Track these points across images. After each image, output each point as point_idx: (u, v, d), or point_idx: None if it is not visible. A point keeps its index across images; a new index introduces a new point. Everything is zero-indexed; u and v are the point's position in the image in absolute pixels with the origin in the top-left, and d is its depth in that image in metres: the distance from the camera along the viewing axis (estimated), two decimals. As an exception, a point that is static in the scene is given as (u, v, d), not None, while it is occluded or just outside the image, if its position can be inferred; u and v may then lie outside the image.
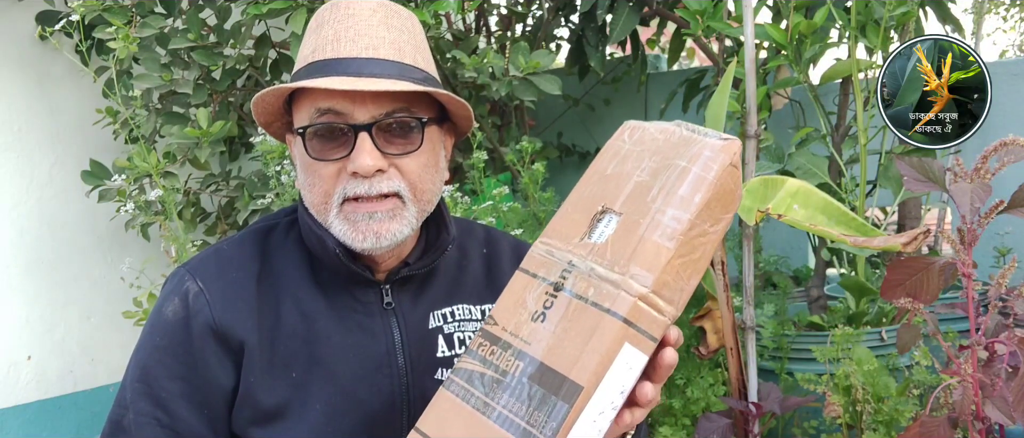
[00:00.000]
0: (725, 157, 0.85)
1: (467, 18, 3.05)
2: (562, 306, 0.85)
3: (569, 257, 0.88)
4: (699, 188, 0.85)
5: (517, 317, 0.88)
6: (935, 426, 1.46)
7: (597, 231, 0.88)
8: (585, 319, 0.84)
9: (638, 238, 0.85)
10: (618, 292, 0.83)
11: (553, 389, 0.82)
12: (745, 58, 2.03)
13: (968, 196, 1.41)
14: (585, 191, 0.92)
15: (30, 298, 2.62)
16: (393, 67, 1.00)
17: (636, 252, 0.84)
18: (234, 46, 2.36)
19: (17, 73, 2.61)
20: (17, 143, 2.61)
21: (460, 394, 0.87)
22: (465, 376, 0.89)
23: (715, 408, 2.10)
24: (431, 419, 0.88)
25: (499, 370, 0.86)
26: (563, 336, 0.84)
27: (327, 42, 1.02)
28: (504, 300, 0.90)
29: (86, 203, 2.62)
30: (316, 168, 1.01)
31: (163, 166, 2.33)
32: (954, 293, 2.31)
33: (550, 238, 0.92)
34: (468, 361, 0.89)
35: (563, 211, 0.93)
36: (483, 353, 0.88)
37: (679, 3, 2.69)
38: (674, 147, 0.89)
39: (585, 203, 0.91)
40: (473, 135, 2.28)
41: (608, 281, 0.84)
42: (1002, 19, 6.91)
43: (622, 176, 0.90)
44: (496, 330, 0.89)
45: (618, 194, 0.89)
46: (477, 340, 0.90)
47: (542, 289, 0.88)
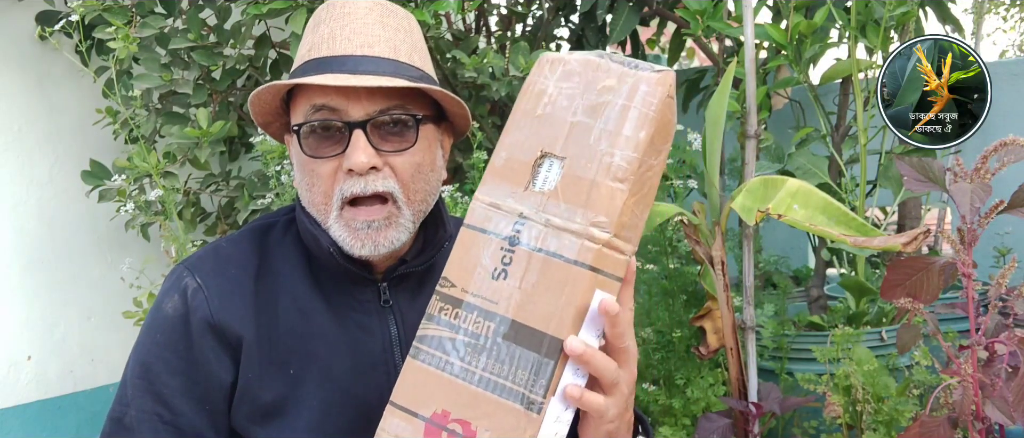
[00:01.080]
0: (662, 90, 0.85)
1: (467, 18, 3.05)
2: (523, 261, 0.84)
3: (518, 208, 0.86)
4: (643, 125, 0.84)
5: (476, 277, 0.86)
6: (935, 426, 1.46)
7: (540, 177, 0.87)
8: (552, 272, 0.83)
9: (589, 183, 0.84)
10: (581, 242, 0.82)
11: (533, 346, 0.82)
12: (745, 58, 2.03)
13: (968, 196, 1.41)
14: (518, 136, 0.89)
15: (30, 298, 2.62)
16: (388, 65, 1.01)
17: (590, 198, 0.83)
18: (234, 46, 2.36)
19: (17, 73, 2.61)
20: (17, 143, 2.60)
21: (434, 363, 0.86)
22: (435, 344, 0.86)
23: (715, 408, 2.10)
24: (407, 392, 0.86)
25: (470, 333, 0.85)
26: (532, 292, 0.83)
27: (323, 40, 1.03)
28: (457, 260, 0.88)
29: (86, 203, 2.62)
30: (312, 166, 1.01)
31: (163, 166, 2.33)
32: (954, 293, 2.31)
33: (491, 189, 0.89)
34: (434, 328, 0.87)
35: (498, 159, 0.90)
36: (448, 317, 0.86)
37: (679, 3, 2.69)
38: (605, 82, 0.87)
39: (521, 149, 0.88)
40: (473, 135, 2.28)
41: (568, 231, 0.83)
42: (1002, 19, 6.91)
43: (555, 117, 0.88)
44: (455, 292, 0.87)
45: (556, 137, 0.87)
46: (436, 304, 0.87)
47: (496, 244, 0.86)
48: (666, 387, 2.21)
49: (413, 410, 0.85)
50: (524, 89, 0.92)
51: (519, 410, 0.81)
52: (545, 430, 0.82)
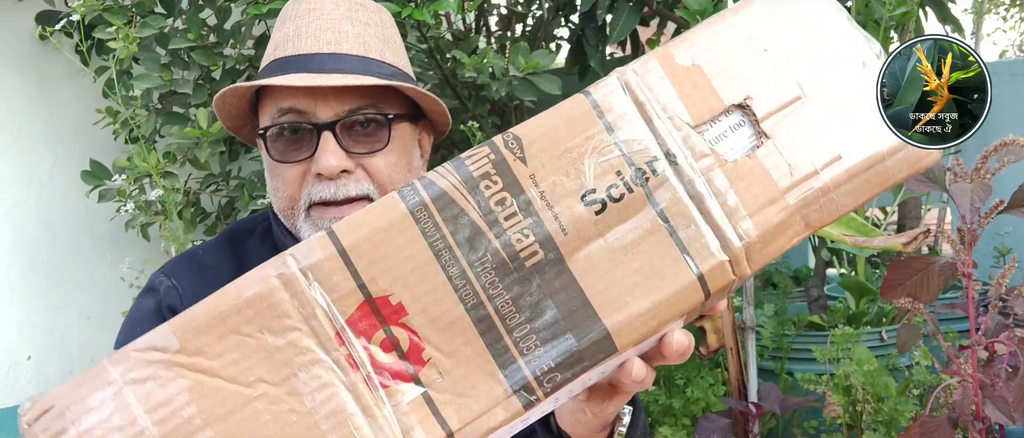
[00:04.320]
0: (929, 160, 0.67)
1: (467, 18, 3.05)
2: (636, 208, 0.58)
3: (673, 143, 0.59)
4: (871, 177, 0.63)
5: (559, 177, 0.58)
6: (935, 426, 1.46)
7: (720, 128, 0.61)
8: (657, 251, 0.58)
9: (774, 187, 0.60)
10: (714, 242, 0.59)
11: (574, 324, 0.57)
12: (745, 58, 2.03)
13: (968, 196, 1.41)
14: (723, 49, 0.62)
15: (30, 298, 2.62)
16: (357, 62, 0.95)
17: (755, 197, 0.60)
18: (234, 46, 2.36)
19: (17, 73, 2.61)
20: (17, 143, 2.60)
21: (429, 234, 0.57)
22: (443, 204, 0.57)
23: (715, 408, 2.10)
24: (361, 237, 0.57)
25: (504, 239, 0.57)
26: (617, 256, 0.58)
27: (288, 38, 0.97)
28: (547, 129, 0.59)
29: (86, 203, 2.62)
30: (280, 171, 0.96)
31: (163, 166, 2.33)
32: (954, 293, 2.31)
33: (651, 80, 0.61)
34: (457, 189, 0.58)
35: (683, 53, 0.62)
36: (489, 191, 0.58)
37: (679, 3, 2.69)
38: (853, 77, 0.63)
39: (720, 70, 0.62)
40: (473, 135, 2.28)
41: (712, 223, 0.59)
42: (1002, 19, 6.90)
43: (779, 69, 0.62)
44: (520, 170, 0.58)
45: (771, 94, 0.62)
46: (483, 162, 0.58)
47: (618, 159, 0.59)
48: (666, 387, 2.21)
49: (358, 269, 0.56)
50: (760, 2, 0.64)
51: (503, 388, 0.56)
52: (512, 425, 0.58)
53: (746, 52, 0.63)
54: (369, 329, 0.56)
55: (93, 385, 0.55)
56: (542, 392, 0.57)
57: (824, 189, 0.61)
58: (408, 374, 0.56)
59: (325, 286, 0.56)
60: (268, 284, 0.57)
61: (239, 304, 0.56)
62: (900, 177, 0.66)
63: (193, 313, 0.57)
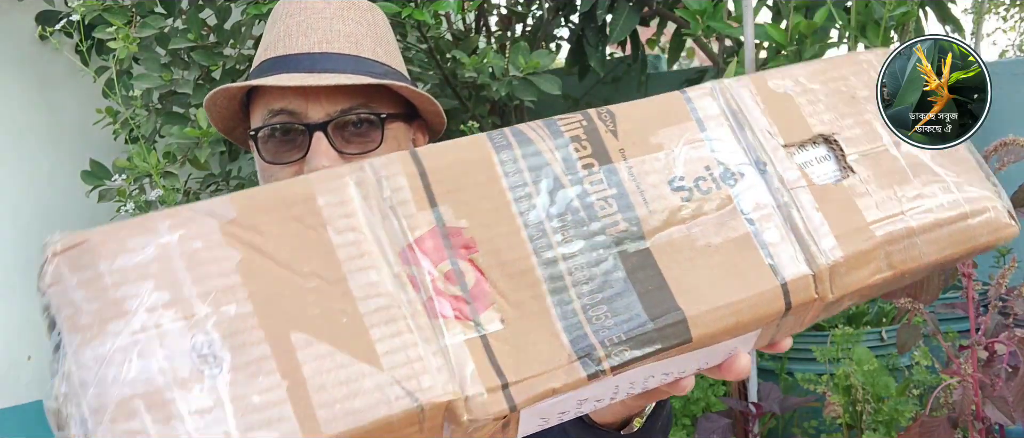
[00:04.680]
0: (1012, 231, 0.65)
1: (467, 18, 3.05)
2: (723, 213, 0.57)
3: (763, 154, 0.60)
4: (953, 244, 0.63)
5: (648, 157, 0.58)
6: (935, 426, 1.46)
7: (808, 154, 0.61)
8: (740, 255, 0.56)
9: (860, 216, 0.60)
10: (800, 253, 0.57)
11: (650, 304, 0.54)
12: (745, 58, 2.03)
13: (968, 196, 1.41)
14: (818, 89, 0.64)
15: (30, 298, 2.61)
16: (349, 61, 0.94)
17: (847, 229, 0.59)
18: (234, 46, 2.36)
19: (17, 73, 2.61)
20: (17, 143, 2.60)
21: (513, 177, 0.55)
22: (530, 152, 0.56)
23: (715, 408, 2.10)
24: (436, 155, 0.55)
25: (586, 201, 0.55)
26: (703, 254, 0.56)
27: (279, 38, 0.96)
28: (640, 112, 0.60)
29: (86, 203, 2.62)
30: (272, 173, 0.95)
31: (163, 166, 2.33)
32: (954, 293, 2.31)
33: (747, 94, 0.62)
34: (545, 142, 0.56)
35: (778, 82, 0.63)
36: (577, 153, 0.56)
37: (679, 3, 2.69)
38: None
39: (813, 106, 0.63)
40: (473, 135, 2.28)
41: (798, 236, 0.58)
42: (1002, 19, 6.91)
43: (868, 117, 0.65)
44: (611, 143, 0.58)
45: (857, 136, 0.63)
46: (574, 126, 0.58)
47: (706, 156, 0.58)
48: (666, 387, 2.21)
49: (435, 194, 0.54)
50: (858, 59, 0.66)
51: (567, 353, 0.52)
52: (571, 397, 0.54)
53: (838, 95, 0.64)
54: (435, 255, 0.52)
55: (136, 230, 0.49)
56: (608, 364, 0.52)
57: (909, 231, 0.61)
58: (468, 313, 0.52)
59: (397, 200, 0.53)
60: (341, 182, 0.53)
61: (307, 194, 0.52)
62: (983, 241, 0.65)
63: (256, 192, 0.53)
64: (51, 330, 0.47)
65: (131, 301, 0.47)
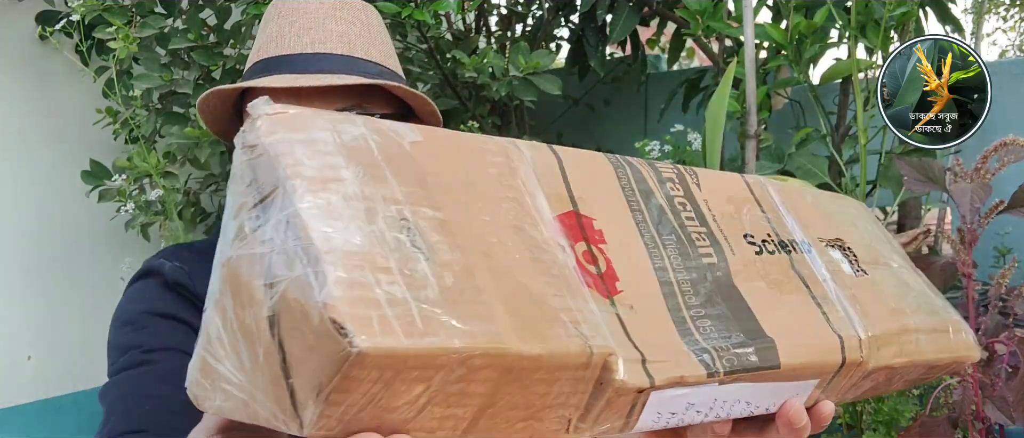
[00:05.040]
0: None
1: (467, 18, 3.05)
2: (786, 273, 0.65)
3: (802, 240, 0.69)
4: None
5: (727, 211, 0.66)
6: (935, 426, 1.46)
7: (830, 252, 0.71)
8: (803, 310, 0.63)
9: (881, 304, 0.69)
10: (847, 319, 0.66)
11: (744, 328, 0.59)
12: (745, 58, 2.03)
13: (968, 196, 1.41)
14: (828, 213, 0.75)
15: (30, 298, 2.62)
16: (342, 62, 0.93)
17: (873, 312, 0.67)
18: (234, 46, 2.36)
19: (17, 73, 2.61)
20: (17, 143, 2.60)
21: (623, 181, 0.61)
22: (638, 178, 0.63)
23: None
24: (568, 152, 0.60)
25: (685, 229, 0.62)
26: (776, 301, 0.62)
27: (271, 39, 0.95)
28: (713, 174, 0.68)
29: (86, 203, 2.62)
30: None
31: (163, 166, 2.33)
32: (954, 293, 2.31)
33: (776, 191, 0.71)
34: (649, 172, 0.64)
35: (798, 196, 0.74)
36: (673, 190, 0.64)
37: (679, 3, 2.69)
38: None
39: (827, 221, 0.74)
40: (473, 135, 2.28)
41: (843, 306, 0.66)
42: (1002, 19, 6.91)
43: (865, 240, 0.75)
44: (697, 192, 0.65)
45: (861, 252, 0.73)
46: (668, 169, 0.65)
47: (765, 225, 0.67)
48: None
49: (570, 183, 0.59)
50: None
51: (685, 350, 0.55)
52: (693, 395, 0.56)
53: (842, 221, 0.75)
54: (573, 235, 0.56)
55: (339, 119, 0.50)
56: (722, 368, 0.55)
57: (915, 327, 0.69)
58: (604, 291, 0.54)
59: (545, 177, 0.57)
60: (502, 144, 0.57)
61: (480, 147, 0.55)
62: (959, 355, 0.73)
63: (433, 129, 0.54)
64: (251, 185, 0.46)
65: (343, 171, 0.47)
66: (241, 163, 0.47)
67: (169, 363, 0.90)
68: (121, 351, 0.93)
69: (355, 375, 0.41)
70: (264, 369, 0.44)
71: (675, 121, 2.64)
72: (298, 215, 0.43)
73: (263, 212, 0.45)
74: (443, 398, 0.45)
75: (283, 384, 0.43)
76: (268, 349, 0.43)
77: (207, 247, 1.01)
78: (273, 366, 0.43)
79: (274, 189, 0.45)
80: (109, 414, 0.87)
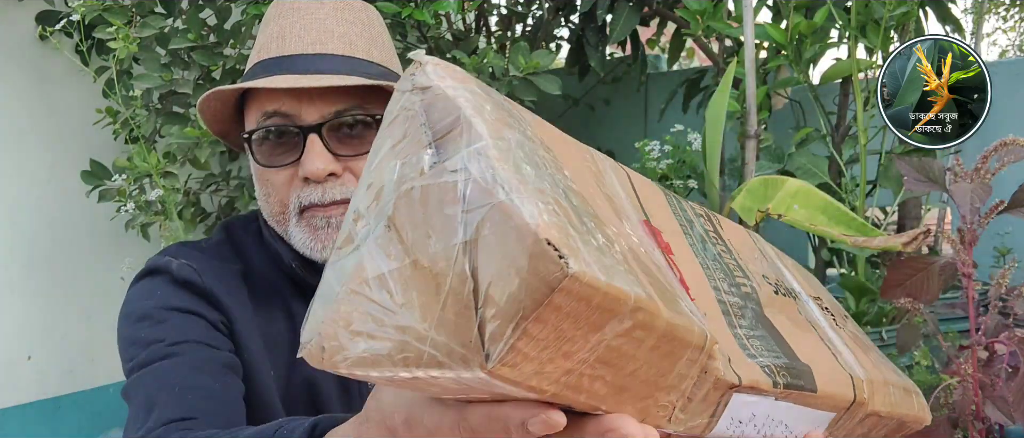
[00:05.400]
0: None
1: (467, 18, 3.05)
2: (797, 313, 0.69)
3: (802, 290, 0.76)
4: None
5: (746, 252, 0.72)
6: (935, 426, 1.46)
7: (816, 305, 0.77)
8: (817, 347, 0.67)
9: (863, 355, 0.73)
10: (850, 361, 0.70)
11: (784, 352, 0.62)
12: (745, 58, 2.03)
13: (968, 196, 1.41)
14: (803, 271, 0.82)
15: (30, 298, 2.62)
16: (344, 62, 0.93)
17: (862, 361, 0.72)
18: (234, 46, 2.36)
19: (17, 73, 2.61)
20: (17, 143, 2.60)
21: (673, 206, 0.67)
22: (681, 208, 0.69)
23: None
24: (630, 170, 0.65)
25: (722, 259, 0.66)
26: (797, 335, 0.66)
27: (272, 39, 0.95)
28: (729, 224, 0.73)
29: (86, 203, 2.62)
30: (267, 176, 0.94)
31: (163, 166, 2.33)
32: (954, 293, 2.31)
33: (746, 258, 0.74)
34: (685, 206, 0.69)
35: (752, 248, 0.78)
36: (706, 225, 0.69)
37: (679, 3, 2.69)
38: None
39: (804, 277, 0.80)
40: (473, 135, 2.28)
41: (843, 349, 0.71)
42: (1002, 19, 6.91)
43: (831, 300, 0.82)
44: (721, 232, 0.70)
45: (833, 311, 0.80)
46: (697, 207, 0.71)
47: (772, 271, 0.73)
48: (666, 387, 2.21)
49: (639, 199, 0.62)
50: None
51: (745, 358, 0.57)
52: (760, 405, 0.58)
53: (815, 283, 0.81)
54: (654, 241, 0.58)
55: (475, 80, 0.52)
56: (781, 380, 0.58)
57: (891, 382, 0.72)
58: (689, 294, 0.56)
59: (622, 187, 0.60)
60: (586, 148, 0.60)
61: (573, 143, 0.57)
62: (917, 415, 0.76)
63: (543, 122, 0.56)
64: (423, 125, 0.47)
65: (508, 120, 0.48)
66: (410, 103, 0.48)
67: (197, 354, 0.89)
68: (142, 346, 0.91)
69: (557, 304, 0.40)
70: (447, 301, 0.42)
71: (675, 121, 2.64)
72: (490, 148, 0.44)
73: (443, 147, 0.46)
74: (605, 352, 0.44)
75: (469, 315, 0.41)
76: (457, 277, 0.42)
77: (210, 246, 1.01)
78: (459, 297, 0.42)
79: (454, 127, 0.46)
80: (150, 405, 0.86)
